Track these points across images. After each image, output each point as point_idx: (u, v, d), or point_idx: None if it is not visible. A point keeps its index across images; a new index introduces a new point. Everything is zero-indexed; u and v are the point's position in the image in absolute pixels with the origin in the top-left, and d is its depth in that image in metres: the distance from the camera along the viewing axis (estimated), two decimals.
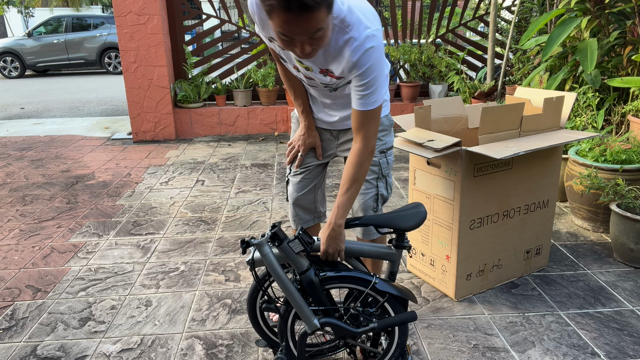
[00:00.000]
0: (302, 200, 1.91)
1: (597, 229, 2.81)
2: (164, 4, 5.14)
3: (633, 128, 3.08)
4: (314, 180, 1.90)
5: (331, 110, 1.77)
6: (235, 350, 1.88)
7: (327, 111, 1.79)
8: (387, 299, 1.55)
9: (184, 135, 5.45)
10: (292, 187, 1.91)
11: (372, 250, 1.59)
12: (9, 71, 12.78)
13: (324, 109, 1.80)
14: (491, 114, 2.00)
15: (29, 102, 8.77)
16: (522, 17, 5.49)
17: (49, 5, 24.96)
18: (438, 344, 1.88)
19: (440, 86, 5.51)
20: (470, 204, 2.03)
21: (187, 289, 2.33)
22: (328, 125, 1.83)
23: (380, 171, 1.80)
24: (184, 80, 5.40)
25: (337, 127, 1.82)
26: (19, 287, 2.37)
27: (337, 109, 1.76)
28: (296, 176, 1.89)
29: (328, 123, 1.82)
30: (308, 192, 1.90)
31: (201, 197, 3.55)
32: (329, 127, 1.84)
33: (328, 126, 1.84)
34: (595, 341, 1.88)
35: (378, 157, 1.80)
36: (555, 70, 3.94)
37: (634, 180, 2.59)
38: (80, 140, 5.44)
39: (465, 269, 2.13)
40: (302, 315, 1.49)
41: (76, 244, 2.82)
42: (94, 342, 1.95)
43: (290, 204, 1.95)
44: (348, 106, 1.74)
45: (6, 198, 3.59)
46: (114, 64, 13.15)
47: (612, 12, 3.55)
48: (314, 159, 1.88)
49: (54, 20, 13.03)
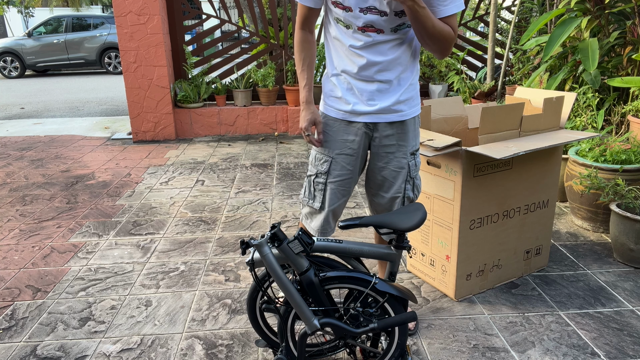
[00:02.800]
0: (339, 209, 1.81)
1: (597, 229, 2.81)
2: (164, 4, 5.14)
3: (633, 128, 3.08)
4: (352, 186, 1.82)
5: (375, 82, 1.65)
6: (235, 350, 1.88)
7: (369, 89, 1.66)
8: (387, 299, 1.55)
9: (184, 135, 5.45)
10: (332, 194, 1.76)
11: (372, 250, 1.59)
12: (9, 71, 12.78)
13: (367, 87, 1.66)
14: (491, 114, 2.00)
15: (29, 102, 8.77)
16: (522, 17, 5.49)
17: (49, 5, 24.95)
18: (438, 344, 1.88)
19: (440, 86, 5.51)
20: (470, 204, 2.03)
21: (187, 289, 2.33)
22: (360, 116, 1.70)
23: (409, 173, 1.77)
24: (184, 80, 5.40)
25: (373, 119, 1.70)
26: (19, 287, 2.37)
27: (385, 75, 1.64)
28: (335, 182, 1.76)
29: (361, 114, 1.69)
30: (345, 200, 1.82)
31: (201, 197, 3.55)
32: (362, 119, 1.70)
33: (360, 118, 1.70)
34: (595, 341, 1.88)
35: (408, 159, 1.76)
36: (555, 70, 3.94)
37: (634, 180, 2.59)
38: (80, 140, 5.44)
39: (465, 269, 2.13)
40: (302, 315, 1.49)
41: (76, 244, 2.82)
42: (94, 342, 1.95)
43: (325, 213, 1.78)
44: (405, 66, 1.66)
45: (6, 198, 3.59)
46: (114, 64, 13.15)
47: (612, 12, 3.55)
48: (356, 168, 1.79)
49: (54, 20, 13.03)
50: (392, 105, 1.68)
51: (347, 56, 1.65)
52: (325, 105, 1.76)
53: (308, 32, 1.73)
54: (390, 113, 1.69)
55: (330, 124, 1.74)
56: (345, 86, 1.69)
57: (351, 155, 1.74)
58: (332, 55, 1.71)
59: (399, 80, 1.67)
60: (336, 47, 1.68)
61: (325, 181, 1.76)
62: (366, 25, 1.58)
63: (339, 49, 1.67)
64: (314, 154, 1.79)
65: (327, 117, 1.75)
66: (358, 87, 1.67)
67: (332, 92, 1.73)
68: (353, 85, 1.67)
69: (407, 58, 1.66)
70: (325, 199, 1.77)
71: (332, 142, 1.74)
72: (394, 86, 1.67)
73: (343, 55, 1.66)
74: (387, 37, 1.60)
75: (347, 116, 1.71)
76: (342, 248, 1.56)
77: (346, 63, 1.66)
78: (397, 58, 1.63)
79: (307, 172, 1.82)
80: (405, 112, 1.71)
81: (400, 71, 1.66)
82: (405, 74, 1.68)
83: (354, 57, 1.63)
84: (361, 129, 1.71)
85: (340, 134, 1.73)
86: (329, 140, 1.75)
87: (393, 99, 1.67)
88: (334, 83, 1.71)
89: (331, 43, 1.70)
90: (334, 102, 1.72)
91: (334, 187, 1.76)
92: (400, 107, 1.70)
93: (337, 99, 1.71)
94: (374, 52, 1.61)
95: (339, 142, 1.73)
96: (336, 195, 1.77)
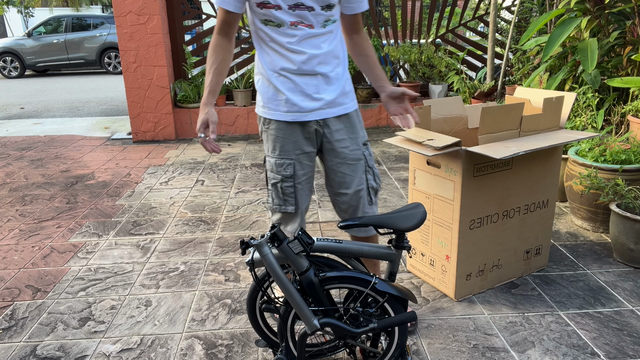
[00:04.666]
0: (308, 204, 1.91)
1: (596, 229, 2.81)
2: (164, 4, 5.14)
3: (633, 128, 3.08)
4: (311, 182, 1.89)
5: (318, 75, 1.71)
6: (235, 350, 1.88)
7: (313, 82, 1.71)
8: (386, 299, 1.55)
9: (184, 135, 5.45)
10: (302, 194, 1.83)
11: (372, 250, 1.59)
12: (8, 71, 12.78)
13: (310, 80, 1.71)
14: (491, 114, 2.00)
15: (29, 102, 8.77)
16: (522, 17, 5.50)
17: (49, 5, 24.95)
18: (438, 344, 1.89)
19: (440, 86, 5.51)
20: (470, 204, 2.03)
21: (187, 289, 2.33)
22: (310, 114, 1.73)
23: (367, 163, 1.84)
24: (183, 80, 5.40)
25: (323, 115, 1.75)
26: (18, 287, 2.37)
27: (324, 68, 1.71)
28: (302, 182, 1.82)
29: (310, 112, 1.73)
30: (311, 195, 1.92)
31: (201, 197, 3.55)
32: (312, 116, 1.74)
33: (310, 116, 1.74)
34: (595, 341, 1.88)
35: (362, 150, 1.82)
36: (555, 70, 3.94)
37: (634, 180, 2.59)
38: (80, 140, 5.44)
39: (465, 269, 2.13)
40: (302, 315, 1.49)
41: (76, 244, 2.82)
42: (93, 342, 1.95)
43: (300, 214, 1.85)
44: (339, 59, 1.75)
45: (6, 198, 3.59)
46: (113, 64, 13.15)
47: (612, 12, 3.55)
48: (314, 164, 1.86)
49: (53, 20, 13.03)
50: (337, 98, 1.75)
51: (285, 54, 1.68)
52: (269, 111, 1.76)
53: (224, 38, 1.72)
54: (337, 106, 1.76)
55: (282, 128, 1.76)
56: (288, 85, 1.71)
57: (309, 153, 1.80)
58: (267, 59, 1.72)
59: (337, 73, 1.75)
60: (272, 48, 1.69)
61: (294, 184, 1.79)
62: (297, 21, 1.64)
63: (276, 48, 1.68)
64: (272, 161, 1.80)
65: (278, 123, 1.76)
66: (301, 82, 1.70)
67: (276, 96, 1.73)
68: (296, 81, 1.70)
69: (340, 52, 1.76)
70: (297, 200, 1.82)
71: (288, 144, 1.77)
72: (334, 79, 1.74)
73: (280, 54, 1.69)
74: (318, 31, 1.68)
75: (298, 117, 1.73)
76: (342, 248, 1.56)
77: (285, 61, 1.69)
78: (332, 51, 1.72)
79: (270, 181, 1.82)
80: (349, 105, 1.81)
81: (336, 64, 1.74)
82: (340, 68, 1.76)
83: (292, 54, 1.67)
84: (312, 127, 1.76)
85: (294, 136, 1.76)
86: (285, 144, 1.77)
87: (337, 92, 1.75)
88: (275, 85, 1.72)
89: (265, 46, 1.71)
90: (280, 106, 1.73)
91: (301, 187, 1.82)
92: (343, 100, 1.78)
93: (282, 101, 1.73)
94: (311, 46, 1.68)
95: (294, 143, 1.77)
96: (305, 193, 1.85)
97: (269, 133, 1.79)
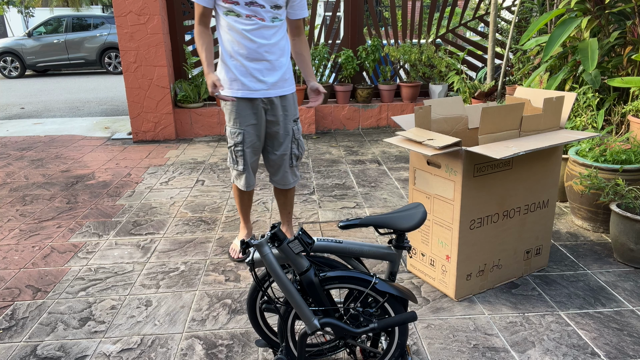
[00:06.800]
0: (255, 164, 2.44)
1: (597, 229, 2.81)
2: (164, 4, 5.14)
3: (633, 128, 3.08)
4: (261, 147, 2.42)
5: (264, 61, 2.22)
6: (235, 350, 1.88)
7: (259, 67, 2.22)
8: (387, 299, 1.55)
9: (184, 135, 5.45)
10: (248, 156, 2.35)
11: (372, 250, 1.59)
12: (9, 71, 12.78)
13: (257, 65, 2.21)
14: (491, 114, 2.00)
15: (29, 102, 8.77)
16: (522, 17, 5.50)
17: (49, 5, 24.96)
18: (438, 344, 1.89)
19: (440, 86, 5.51)
20: (470, 204, 2.03)
21: (187, 289, 2.33)
22: (256, 92, 2.24)
23: (294, 135, 2.41)
24: (184, 80, 5.40)
25: (267, 94, 2.26)
26: (19, 287, 2.37)
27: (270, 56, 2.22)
28: (249, 147, 2.34)
29: (256, 91, 2.25)
30: (257, 157, 2.44)
31: (201, 197, 3.55)
32: (258, 94, 2.25)
33: (256, 94, 2.25)
34: (595, 341, 1.88)
35: (291, 125, 2.39)
36: (555, 70, 3.94)
37: (634, 180, 2.59)
38: (80, 140, 5.44)
39: (465, 269, 2.13)
40: (302, 315, 1.49)
41: (76, 244, 2.82)
42: (94, 342, 1.95)
43: (248, 171, 2.38)
44: (282, 51, 2.27)
45: (6, 198, 3.59)
46: (114, 64, 13.15)
47: (612, 12, 3.55)
48: (261, 134, 2.37)
49: (54, 20, 13.03)
50: (278, 81, 2.29)
51: (240, 41, 2.17)
52: (230, 90, 2.26)
53: (204, 27, 2.24)
54: (278, 88, 2.30)
55: (237, 104, 2.27)
56: (240, 70, 2.22)
57: (255, 124, 2.32)
58: (226, 45, 2.22)
59: (280, 62, 2.27)
60: (230, 34, 2.19)
61: (243, 148, 2.34)
62: (251, 14, 2.16)
63: (233, 35, 2.18)
64: (229, 129, 2.33)
65: (236, 100, 2.25)
66: (250, 66, 2.21)
67: (232, 78, 2.24)
68: (247, 66, 2.21)
69: (284, 45, 2.30)
70: (245, 160, 2.37)
71: (241, 117, 2.29)
72: (277, 65, 2.26)
73: (236, 40, 2.18)
74: (268, 24, 2.19)
75: (248, 94, 2.25)
76: (342, 248, 1.56)
77: (239, 48, 2.19)
78: (278, 43, 2.24)
79: (227, 145, 2.36)
80: (287, 89, 2.35)
81: (280, 54, 2.26)
82: (283, 58, 2.29)
83: (246, 41, 2.17)
84: (259, 104, 2.29)
85: (246, 110, 2.29)
86: (239, 116, 2.29)
87: (278, 76, 2.28)
88: (231, 70, 2.23)
89: (225, 34, 2.21)
90: (236, 85, 2.25)
91: (249, 151, 2.35)
92: (283, 84, 2.32)
93: (237, 82, 2.24)
94: (261, 36, 2.18)
95: (245, 116, 2.29)
96: (251, 156, 2.38)
97: (226, 107, 2.31)
